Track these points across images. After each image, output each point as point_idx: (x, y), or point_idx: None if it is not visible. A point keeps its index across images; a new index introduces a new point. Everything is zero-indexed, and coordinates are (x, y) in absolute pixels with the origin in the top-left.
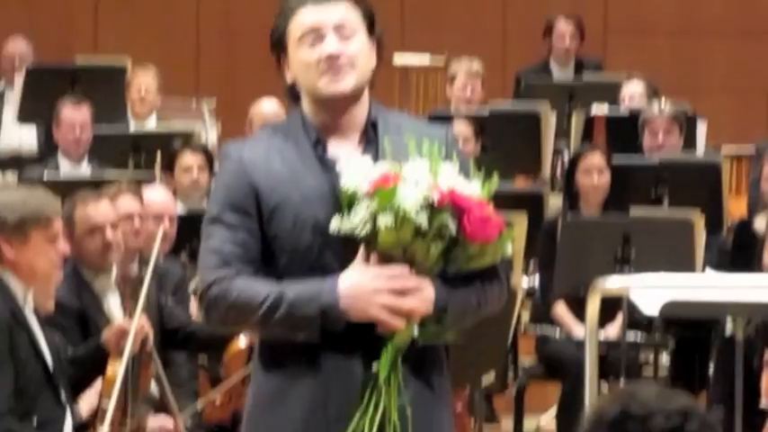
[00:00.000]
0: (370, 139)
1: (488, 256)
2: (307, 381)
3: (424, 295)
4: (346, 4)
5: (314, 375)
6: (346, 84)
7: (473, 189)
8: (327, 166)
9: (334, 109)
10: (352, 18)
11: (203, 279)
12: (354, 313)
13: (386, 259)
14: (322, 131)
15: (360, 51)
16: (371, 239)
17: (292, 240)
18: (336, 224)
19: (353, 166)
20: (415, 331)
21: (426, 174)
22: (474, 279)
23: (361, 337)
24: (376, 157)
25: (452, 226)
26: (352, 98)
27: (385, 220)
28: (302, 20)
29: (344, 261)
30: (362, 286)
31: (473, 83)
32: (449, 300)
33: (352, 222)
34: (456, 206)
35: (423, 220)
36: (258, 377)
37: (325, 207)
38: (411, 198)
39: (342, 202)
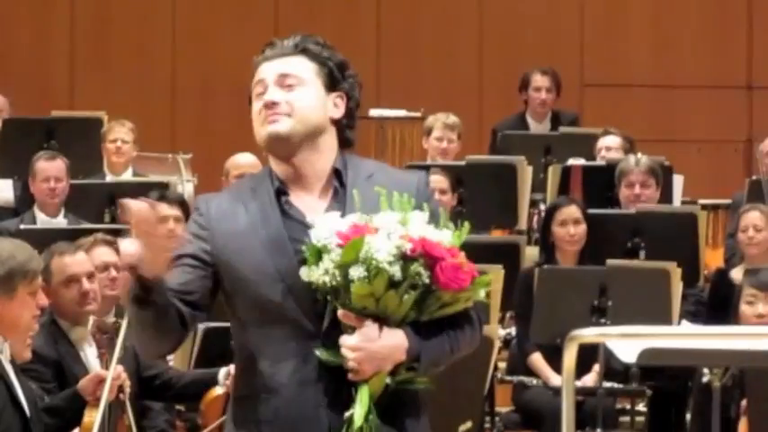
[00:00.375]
0: (336, 189)
1: (461, 303)
2: (276, 428)
3: (397, 343)
4: (300, 58)
5: (282, 426)
6: (278, 127)
7: (443, 237)
8: (288, 216)
9: (284, 157)
10: (302, 70)
11: None
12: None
13: (356, 313)
14: (285, 182)
15: (303, 99)
16: (341, 292)
17: (252, 288)
18: (305, 274)
19: (324, 220)
20: (389, 379)
21: (397, 225)
22: (446, 324)
23: (330, 387)
24: (343, 207)
25: (426, 275)
26: (298, 144)
27: (357, 272)
28: (256, 74)
29: (306, 311)
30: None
31: (449, 135)
32: (422, 348)
33: (319, 272)
34: (428, 255)
35: (396, 270)
36: (233, 425)
37: (285, 256)
38: (383, 250)
39: (308, 254)
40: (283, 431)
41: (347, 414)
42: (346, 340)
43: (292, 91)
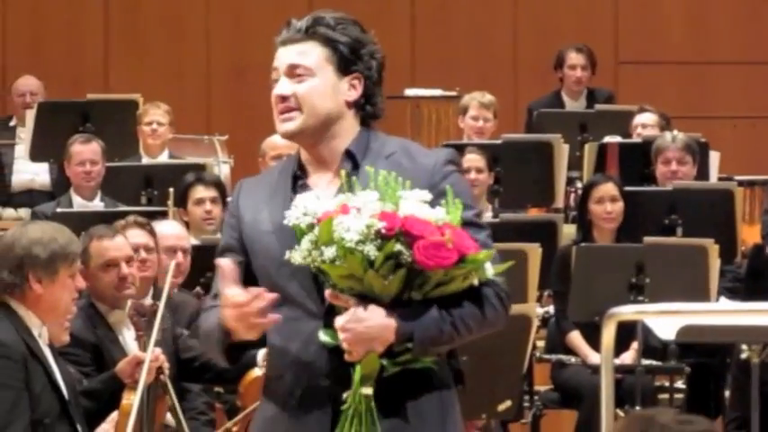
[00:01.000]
0: (350, 170)
1: (458, 282)
2: (286, 411)
3: (383, 324)
4: (310, 44)
5: (291, 406)
6: (288, 126)
7: (436, 214)
8: None
9: (303, 144)
10: (312, 57)
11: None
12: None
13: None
14: (306, 165)
15: (311, 91)
16: (324, 273)
17: (264, 273)
18: (287, 255)
19: (302, 201)
20: (384, 360)
21: (373, 204)
22: (450, 304)
23: (332, 367)
24: (351, 187)
25: (407, 253)
26: (312, 135)
27: (329, 253)
28: (274, 59)
29: (309, 292)
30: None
31: (485, 114)
32: (414, 328)
33: (298, 254)
34: (407, 234)
35: (370, 249)
36: (258, 406)
37: (289, 240)
38: (353, 229)
39: (296, 236)
40: (295, 409)
41: (344, 395)
42: (337, 321)
43: (302, 82)
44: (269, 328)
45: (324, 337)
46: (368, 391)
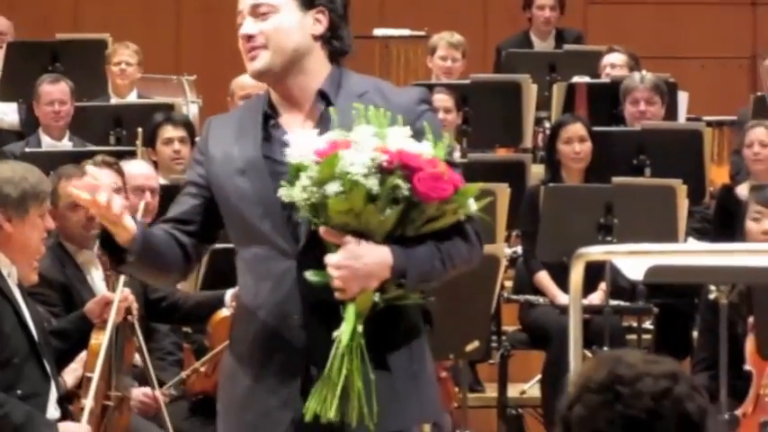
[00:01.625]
0: (321, 110)
1: (448, 217)
2: (256, 351)
3: (380, 260)
4: None
5: (261, 346)
6: (257, 63)
7: (423, 149)
8: (271, 138)
9: (273, 84)
10: None
11: None
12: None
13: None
14: (277, 105)
15: (277, 28)
16: (321, 209)
17: (235, 212)
18: (284, 194)
19: (299, 138)
20: (376, 296)
21: (372, 138)
22: (437, 240)
23: (307, 307)
24: (327, 127)
25: (405, 187)
26: (282, 72)
27: (333, 188)
28: (238, 5)
29: (283, 231)
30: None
31: (453, 54)
32: (408, 264)
33: (297, 191)
34: (406, 167)
35: (373, 183)
36: (227, 347)
37: (261, 178)
38: (358, 163)
39: (289, 173)
40: (265, 350)
41: (335, 333)
42: (330, 259)
43: (266, 20)
44: (240, 269)
45: (313, 277)
46: (359, 328)
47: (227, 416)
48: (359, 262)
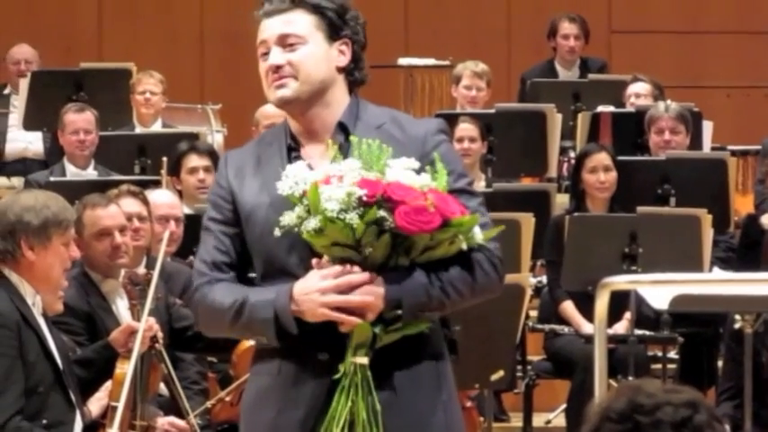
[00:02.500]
0: (342, 141)
1: (444, 246)
2: (280, 381)
3: (373, 289)
4: (297, 13)
5: (285, 376)
6: (284, 92)
7: (421, 180)
8: None
9: (296, 114)
10: (302, 25)
11: (192, 285)
12: (306, 314)
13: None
14: (299, 136)
15: (306, 58)
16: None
17: (263, 245)
18: (283, 220)
19: (290, 170)
20: (377, 328)
21: (356, 171)
22: (439, 269)
23: (327, 338)
24: (347, 158)
25: (390, 219)
26: (307, 103)
27: (312, 224)
28: (259, 34)
29: (308, 264)
30: (309, 288)
31: (478, 83)
32: (402, 294)
33: (286, 218)
34: (389, 200)
35: (351, 218)
36: (249, 378)
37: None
38: (333, 198)
39: (292, 205)
40: (287, 383)
41: (339, 366)
42: None
43: (294, 51)
44: None
45: None
46: (362, 360)
47: None
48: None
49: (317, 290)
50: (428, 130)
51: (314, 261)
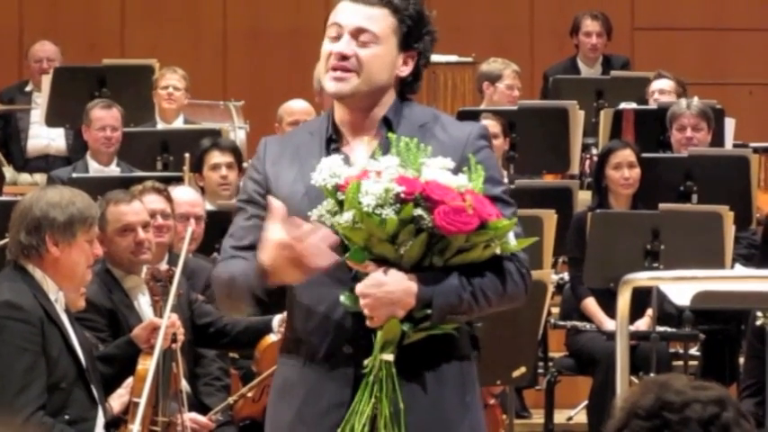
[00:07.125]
0: (384, 137)
1: (479, 250)
2: (308, 374)
3: (404, 288)
4: (382, 11)
5: (313, 369)
6: (342, 86)
7: (459, 181)
8: None
9: (346, 107)
10: (380, 27)
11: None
12: (274, 269)
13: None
14: (342, 127)
15: (373, 59)
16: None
17: None
18: (313, 213)
19: (325, 163)
20: (405, 326)
21: (394, 168)
22: (471, 274)
23: (357, 333)
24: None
25: (428, 218)
26: (361, 100)
27: (346, 217)
28: (335, 12)
29: (339, 256)
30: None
31: (518, 83)
32: (434, 293)
33: (316, 211)
34: (428, 199)
35: (389, 214)
36: (276, 368)
37: (321, 202)
38: (370, 193)
39: (325, 197)
40: (312, 374)
41: (365, 361)
42: (357, 286)
43: (366, 48)
44: (293, 294)
45: (345, 301)
46: (389, 357)
47: None
48: (381, 290)
49: (277, 243)
50: (471, 132)
51: (346, 258)
